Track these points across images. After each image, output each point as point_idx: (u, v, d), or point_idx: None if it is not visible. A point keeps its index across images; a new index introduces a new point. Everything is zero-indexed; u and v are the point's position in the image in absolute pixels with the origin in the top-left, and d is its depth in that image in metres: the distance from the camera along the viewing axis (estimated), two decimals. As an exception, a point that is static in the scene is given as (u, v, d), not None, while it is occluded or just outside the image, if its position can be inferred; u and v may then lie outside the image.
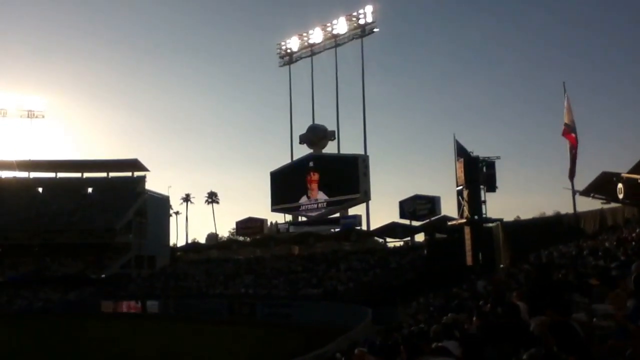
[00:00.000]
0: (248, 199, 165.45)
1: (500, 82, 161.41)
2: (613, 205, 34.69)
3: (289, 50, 66.82)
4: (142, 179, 79.76)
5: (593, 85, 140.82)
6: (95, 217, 72.69)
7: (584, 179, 39.27)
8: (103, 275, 68.81)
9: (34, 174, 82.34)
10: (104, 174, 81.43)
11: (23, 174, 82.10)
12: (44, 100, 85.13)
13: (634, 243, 24.03)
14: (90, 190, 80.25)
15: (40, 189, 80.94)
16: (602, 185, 33.37)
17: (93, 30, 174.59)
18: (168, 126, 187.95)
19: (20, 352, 32.09)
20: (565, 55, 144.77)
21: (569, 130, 37.77)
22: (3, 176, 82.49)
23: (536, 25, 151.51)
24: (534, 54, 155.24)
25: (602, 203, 35.66)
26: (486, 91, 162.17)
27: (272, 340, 36.09)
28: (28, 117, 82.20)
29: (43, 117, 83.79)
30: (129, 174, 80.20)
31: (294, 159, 65.04)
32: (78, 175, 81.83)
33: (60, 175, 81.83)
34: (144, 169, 78.99)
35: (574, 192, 39.15)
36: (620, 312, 5.52)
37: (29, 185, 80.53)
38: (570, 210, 39.84)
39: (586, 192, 36.12)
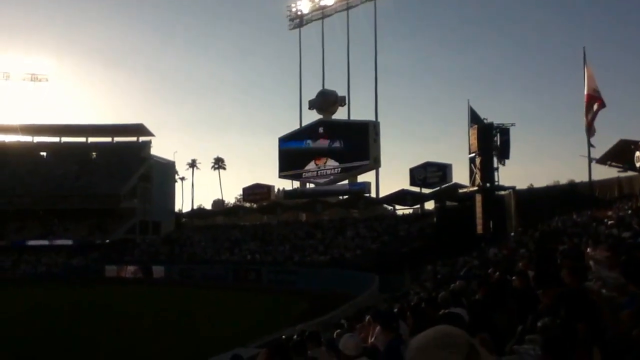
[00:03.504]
0: (255, 165, 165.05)
1: (516, 48, 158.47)
2: (630, 173, 33.94)
3: (299, 13, 65.06)
4: (148, 144, 78.92)
5: (611, 51, 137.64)
6: (100, 182, 71.98)
7: (600, 147, 38.31)
8: (107, 241, 68.43)
9: (37, 139, 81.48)
10: (108, 139, 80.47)
11: (27, 138, 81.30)
12: (48, 63, 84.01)
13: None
14: (94, 155, 79.39)
15: (44, 154, 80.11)
16: (620, 153, 32.55)
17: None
18: (174, 90, 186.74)
19: (24, 316, 31.54)
20: (582, 20, 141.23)
21: (596, 98, 36.70)
22: (7, 140, 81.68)
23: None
24: (550, 18, 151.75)
25: (618, 171, 34.99)
26: (501, 57, 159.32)
27: (278, 306, 35.68)
28: (31, 80, 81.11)
29: (47, 80, 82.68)
30: (134, 138, 79.31)
31: (303, 124, 63.84)
32: (82, 139, 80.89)
33: (65, 139, 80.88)
34: (149, 133, 78.13)
35: (590, 160, 38.33)
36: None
37: (33, 149, 79.78)
38: (586, 179, 39.10)
39: (603, 160, 35.30)
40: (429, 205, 55.01)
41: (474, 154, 41.02)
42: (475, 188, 40.84)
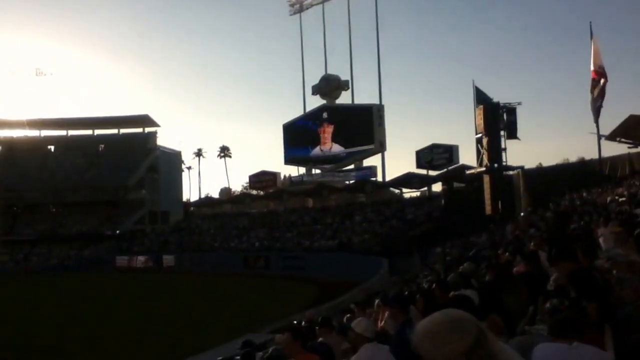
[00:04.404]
0: (261, 152, 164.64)
1: (521, 24, 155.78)
2: (640, 149, 33.46)
3: (299, -2, 64.64)
4: (154, 135, 79.11)
5: (619, 24, 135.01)
6: (108, 174, 72.30)
7: (610, 123, 37.82)
8: (117, 232, 68.83)
9: (45, 133, 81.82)
10: (115, 131, 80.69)
11: (34, 133, 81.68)
12: (53, 58, 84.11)
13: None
14: (101, 147, 79.61)
15: (51, 148, 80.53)
16: (629, 129, 32.08)
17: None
18: (178, 80, 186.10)
19: (37, 308, 31.77)
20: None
21: (601, 74, 36.24)
22: (14, 135, 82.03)
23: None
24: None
25: (628, 147, 34.51)
26: (506, 34, 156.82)
27: (287, 292, 35.78)
28: (37, 75, 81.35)
29: (52, 74, 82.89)
30: (140, 129, 79.54)
31: (307, 110, 63.69)
32: (89, 132, 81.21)
33: (72, 133, 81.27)
34: (154, 124, 78.35)
35: (600, 137, 37.95)
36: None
37: (40, 144, 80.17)
38: (596, 156, 38.76)
39: (612, 137, 34.83)
40: (437, 187, 54.95)
41: (480, 135, 40.69)
42: (483, 169, 40.56)
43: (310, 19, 65.08)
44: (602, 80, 35.90)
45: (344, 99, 61.98)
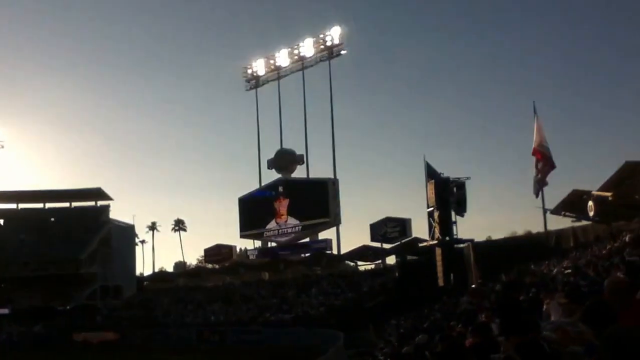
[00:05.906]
0: (216, 226, 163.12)
1: (469, 103, 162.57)
2: (584, 222, 35.13)
3: (255, 74, 66.32)
4: (106, 208, 78.06)
5: (562, 103, 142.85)
6: (59, 248, 70.60)
7: (554, 198, 39.89)
8: (68, 307, 66.73)
9: (-7, 206, 79.84)
10: (66, 204, 79.35)
11: (-18, 207, 79.55)
12: (2, 130, 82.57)
13: (604, 260, 24.20)
14: (52, 220, 78.07)
15: (0, 221, 78.55)
16: (573, 203, 33.80)
17: (50, 55, 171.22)
18: (131, 153, 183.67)
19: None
20: (533, 74, 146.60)
21: (542, 152, 38.47)
22: (-38, 209, 79.77)
23: (504, 46, 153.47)
24: (502, 73, 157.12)
25: (572, 221, 36.14)
26: (455, 111, 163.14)
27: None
28: (-16, 148, 79.77)
29: (2, 147, 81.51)
30: (92, 203, 78.45)
31: (263, 184, 64.47)
32: (40, 205, 79.63)
33: (22, 206, 79.54)
34: (107, 197, 77.38)
35: (545, 211, 39.87)
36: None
37: (-12, 217, 78.12)
38: (542, 229, 40.50)
39: (557, 211, 36.60)
40: (391, 260, 55.83)
41: (432, 208, 42.04)
42: (435, 242, 41.71)
43: (266, 94, 66.69)
44: (540, 164, 38.06)
45: (299, 172, 63.16)
